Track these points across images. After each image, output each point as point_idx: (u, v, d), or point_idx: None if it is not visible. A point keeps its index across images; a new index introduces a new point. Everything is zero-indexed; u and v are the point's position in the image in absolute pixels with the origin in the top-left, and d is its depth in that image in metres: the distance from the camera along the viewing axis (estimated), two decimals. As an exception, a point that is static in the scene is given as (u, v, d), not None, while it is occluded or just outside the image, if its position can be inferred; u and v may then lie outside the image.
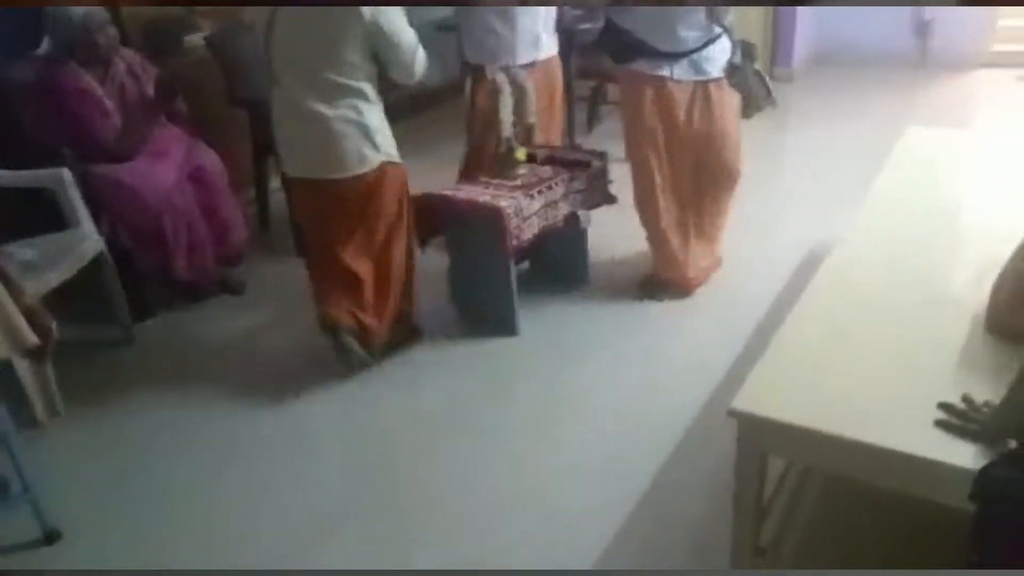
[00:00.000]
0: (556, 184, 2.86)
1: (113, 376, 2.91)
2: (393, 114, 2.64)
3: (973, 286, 1.73)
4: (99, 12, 3.02)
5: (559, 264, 3.20)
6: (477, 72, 3.14)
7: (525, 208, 2.74)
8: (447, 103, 5.40)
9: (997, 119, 5.26)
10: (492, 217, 2.69)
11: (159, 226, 3.05)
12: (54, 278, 2.65)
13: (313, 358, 2.84)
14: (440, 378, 2.75)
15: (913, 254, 1.99)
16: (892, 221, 2.18)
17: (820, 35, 6.44)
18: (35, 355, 2.13)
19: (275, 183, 3.84)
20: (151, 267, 3.14)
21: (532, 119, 2.99)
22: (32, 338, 2.00)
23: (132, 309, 3.10)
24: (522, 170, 2.89)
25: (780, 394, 1.49)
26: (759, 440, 1.49)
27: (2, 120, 3.06)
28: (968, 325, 1.65)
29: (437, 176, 3.31)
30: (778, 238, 3.49)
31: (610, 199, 3.09)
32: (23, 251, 2.70)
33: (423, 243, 2.91)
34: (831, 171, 4.19)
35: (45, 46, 3.05)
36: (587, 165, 2.97)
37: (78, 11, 2.95)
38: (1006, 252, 1.63)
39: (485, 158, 3.10)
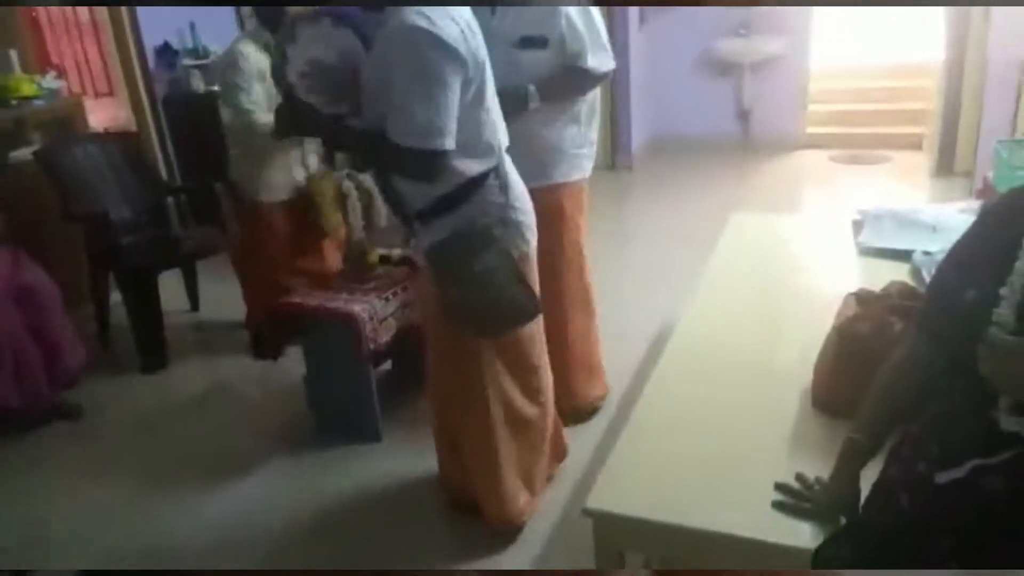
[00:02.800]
0: (411, 284, 2.86)
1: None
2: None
3: (800, 362, 1.85)
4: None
5: (421, 363, 3.18)
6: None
7: (380, 311, 2.72)
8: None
9: (815, 197, 5.78)
10: (346, 322, 2.65)
11: (-20, 353, 2.81)
12: None
13: (157, 484, 2.65)
14: (303, 487, 2.64)
15: (746, 334, 2.11)
16: (725, 303, 2.32)
17: (653, 123, 6.91)
18: None
19: (115, 297, 3.65)
20: (-29, 399, 2.87)
21: (382, 223, 3.01)
22: None
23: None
24: (377, 272, 2.88)
25: (630, 489, 1.51)
26: (614, 537, 1.50)
27: None
28: (798, 402, 1.75)
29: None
30: (627, 323, 3.60)
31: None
32: None
33: (278, 351, 2.83)
34: (670, 256, 4.41)
35: None
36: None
37: None
38: (828, 325, 1.76)
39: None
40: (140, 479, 2.78)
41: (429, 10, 1.77)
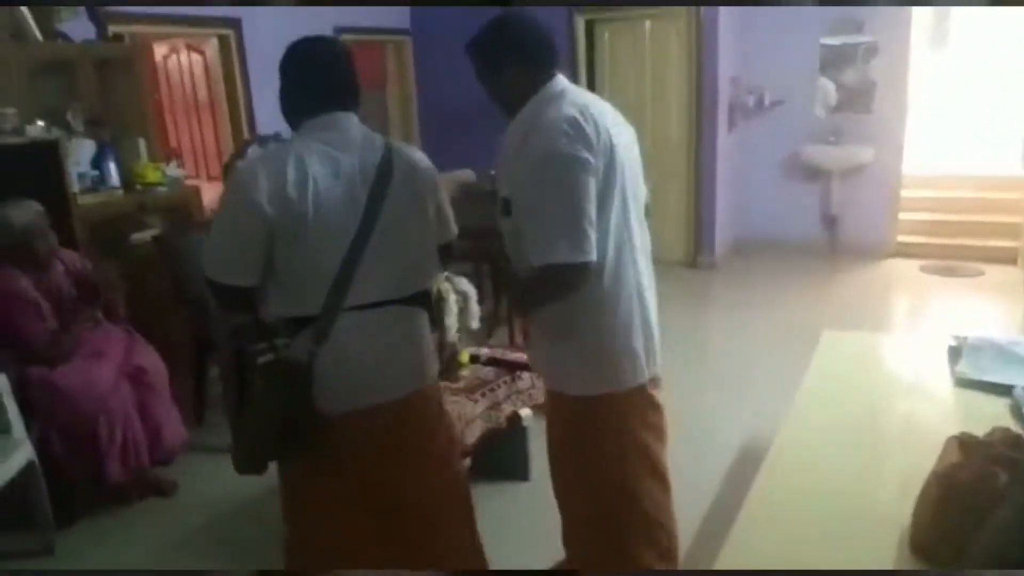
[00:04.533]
0: (499, 386, 2.93)
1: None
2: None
3: (898, 501, 1.82)
4: (39, 220, 3.09)
5: (500, 461, 3.22)
6: None
7: (468, 412, 2.79)
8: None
9: (906, 308, 5.65)
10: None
11: (93, 429, 2.99)
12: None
13: (242, 563, 2.73)
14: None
15: (842, 464, 2.08)
16: (820, 428, 2.29)
17: (737, 223, 6.94)
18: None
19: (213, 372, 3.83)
20: (82, 473, 3.04)
21: (474, 324, 3.10)
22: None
23: (56, 516, 2.96)
24: (465, 372, 2.96)
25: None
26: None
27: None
28: (895, 543, 1.72)
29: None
30: (709, 439, 3.53)
31: (550, 398, 3.17)
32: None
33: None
34: (754, 364, 4.38)
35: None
36: (528, 367, 3.07)
37: (19, 218, 3.02)
38: (927, 462, 1.73)
39: None
40: (226, 558, 2.86)
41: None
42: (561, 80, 1.98)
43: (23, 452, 2.78)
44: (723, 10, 6.10)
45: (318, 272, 1.86)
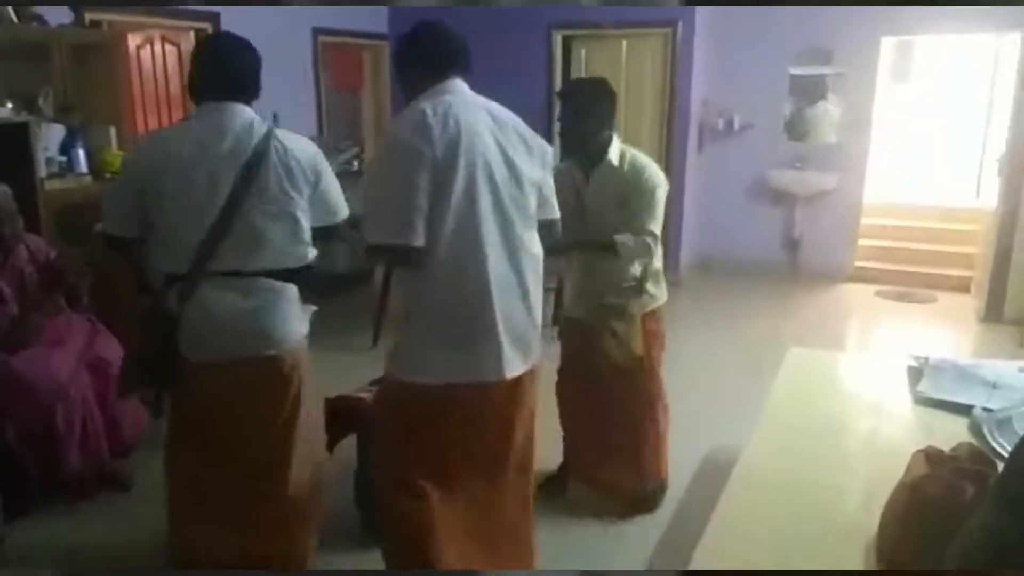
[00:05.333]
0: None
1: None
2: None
3: (865, 513, 1.86)
4: (5, 202, 3.02)
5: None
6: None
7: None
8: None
9: (862, 331, 5.80)
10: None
11: (51, 419, 2.92)
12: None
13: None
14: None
15: (808, 476, 2.12)
16: (786, 441, 2.34)
17: (703, 244, 7.04)
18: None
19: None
20: (37, 463, 2.96)
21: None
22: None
23: (6, 509, 2.87)
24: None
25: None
26: None
27: None
28: (862, 554, 1.76)
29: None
30: (673, 451, 3.53)
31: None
32: None
33: (331, 446, 2.88)
34: (717, 380, 4.44)
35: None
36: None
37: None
38: (891, 474, 1.78)
39: None
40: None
41: None
42: (452, 83, 2.13)
43: (-24, 440, 2.70)
44: (699, 33, 6.21)
45: (180, 238, 2.23)
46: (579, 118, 2.81)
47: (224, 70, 2.30)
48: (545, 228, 2.27)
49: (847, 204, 6.65)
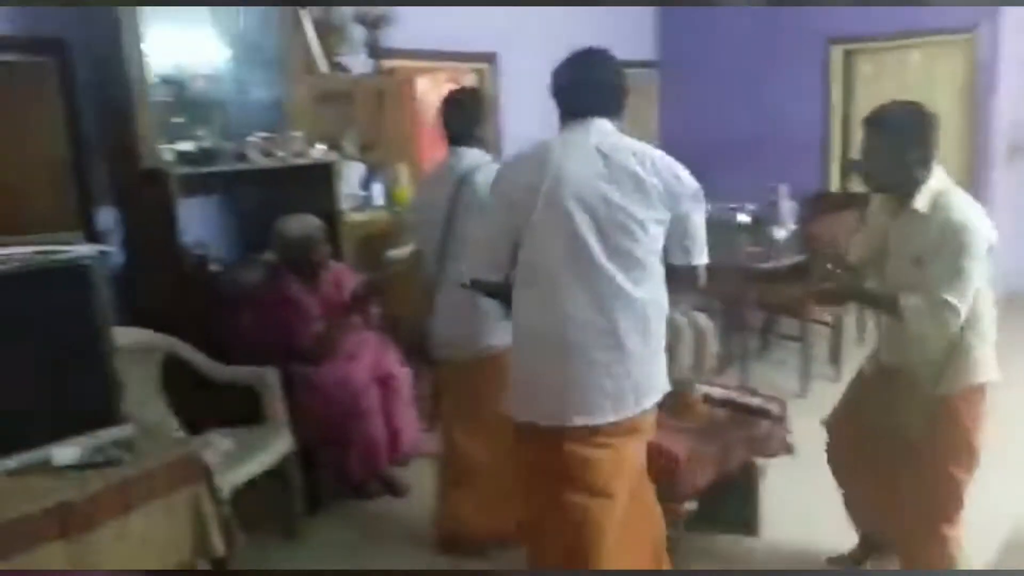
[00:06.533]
0: (732, 429, 2.80)
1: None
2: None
3: None
4: (317, 232, 3.41)
5: (727, 510, 3.06)
6: None
7: (701, 453, 2.69)
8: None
9: None
10: (667, 465, 2.62)
11: (344, 426, 3.23)
12: (247, 472, 2.83)
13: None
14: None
15: None
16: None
17: (1012, 272, 6.15)
18: (216, 563, 2.16)
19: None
20: (328, 465, 3.30)
21: (711, 362, 2.99)
22: (221, 548, 2.08)
23: (305, 503, 3.23)
24: (699, 410, 2.86)
25: None
26: None
27: (221, 315, 3.44)
28: None
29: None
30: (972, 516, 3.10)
31: (788, 449, 2.96)
32: (223, 440, 2.90)
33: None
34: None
35: (268, 254, 3.51)
36: (765, 413, 2.91)
37: (299, 231, 3.36)
38: None
39: None
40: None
41: None
42: (578, 123, 2.10)
43: (285, 441, 3.07)
44: (1005, 48, 5.47)
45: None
46: (881, 152, 2.37)
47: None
48: (679, 273, 2.14)
49: None
